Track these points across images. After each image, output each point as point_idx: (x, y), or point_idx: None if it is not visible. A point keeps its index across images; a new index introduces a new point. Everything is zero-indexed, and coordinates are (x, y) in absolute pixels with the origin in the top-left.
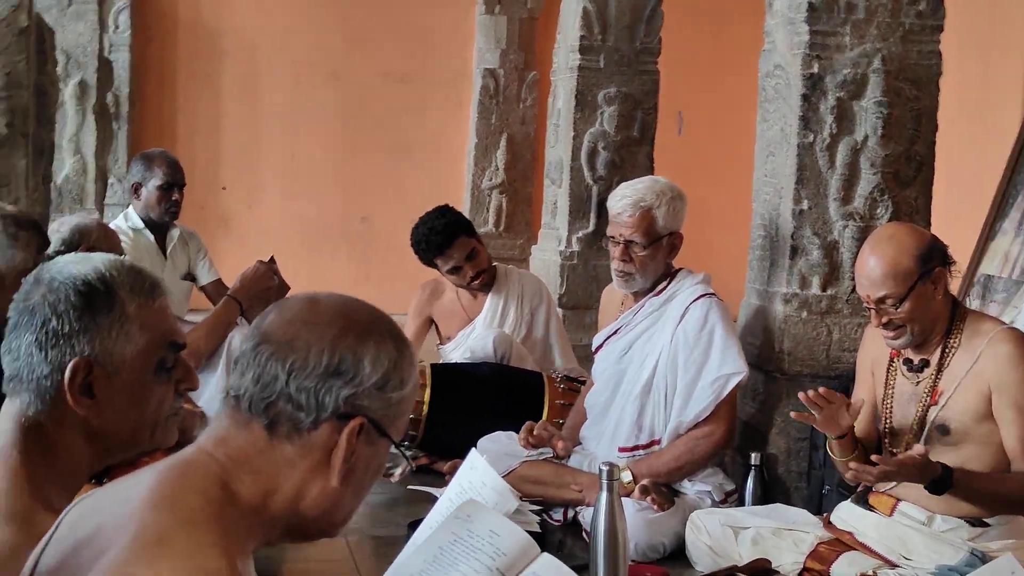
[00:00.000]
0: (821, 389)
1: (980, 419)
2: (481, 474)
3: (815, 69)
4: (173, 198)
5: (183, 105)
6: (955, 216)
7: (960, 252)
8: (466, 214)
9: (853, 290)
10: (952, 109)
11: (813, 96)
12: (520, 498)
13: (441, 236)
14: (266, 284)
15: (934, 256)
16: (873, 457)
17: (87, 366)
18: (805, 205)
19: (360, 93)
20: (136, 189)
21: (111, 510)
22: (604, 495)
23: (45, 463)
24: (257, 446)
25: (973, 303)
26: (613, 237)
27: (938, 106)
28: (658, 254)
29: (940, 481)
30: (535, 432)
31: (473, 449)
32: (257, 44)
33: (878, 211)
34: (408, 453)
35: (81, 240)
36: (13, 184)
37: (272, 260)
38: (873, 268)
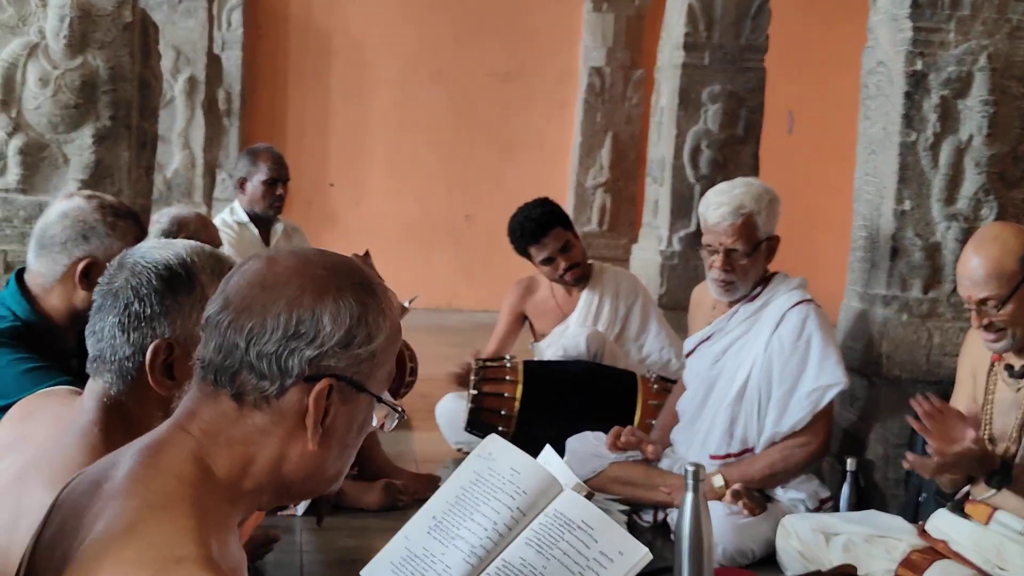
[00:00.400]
0: (932, 398)
1: None
2: (555, 469)
3: (918, 66)
4: (277, 193)
5: (293, 102)
6: None
7: None
8: (570, 213)
9: (955, 292)
10: None
11: (916, 94)
12: (609, 498)
13: (536, 225)
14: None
15: None
16: (929, 449)
17: (168, 347)
18: (907, 205)
19: (466, 92)
20: (242, 184)
21: (92, 493)
22: (689, 496)
23: (126, 441)
24: (229, 417)
25: None
26: (710, 245)
27: None
28: (759, 260)
29: (999, 474)
30: (623, 439)
31: (547, 446)
32: (365, 43)
33: (982, 212)
34: (399, 404)
35: (179, 230)
36: (116, 176)
37: (367, 254)
38: (976, 268)
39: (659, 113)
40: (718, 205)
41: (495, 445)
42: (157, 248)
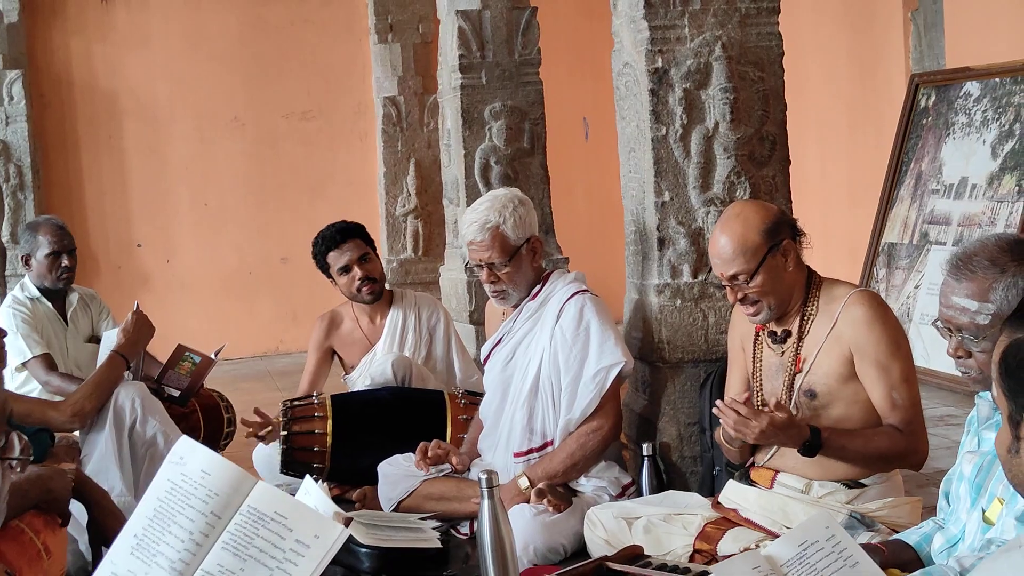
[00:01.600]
0: (728, 399)
1: (844, 381)
2: (314, 499)
3: (659, 63)
4: (63, 264)
5: (88, 167)
6: (857, 189)
7: (864, 223)
8: (383, 242)
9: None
10: (838, 82)
11: (660, 90)
12: (423, 517)
13: (337, 232)
14: (148, 332)
15: (781, 229)
16: (720, 404)
17: None
18: (666, 196)
19: (265, 135)
20: (26, 260)
21: None
22: (485, 503)
23: None
24: None
25: (880, 272)
26: (474, 261)
27: (784, 85)
28: (522, 265)
29: (811, 444)
30: (429, 453)
31: (307, 476)
32: (156, 100)
33: (737, 194)
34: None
35: None
36: None
37: (137, 307)
38: (723, 247)
39: (446, 136)
40: (468, 224)
41: (184, 447)
42: None
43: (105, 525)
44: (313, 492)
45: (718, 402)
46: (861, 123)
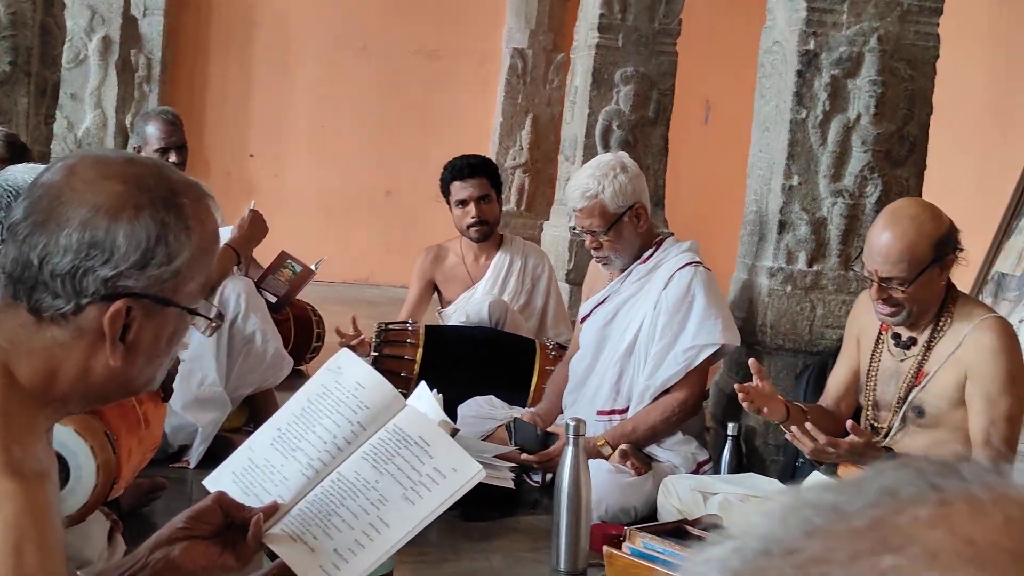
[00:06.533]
0: (808, 424)
1: (954, 405)
2: (426, 405)
3: (811, 45)
4: (171, 160)
5: (214, 72)
6: (976, 210)
7: (976, 248)
8: None
9: (839, 267)
10: (976, 107)
11: (808, 72)
12: (497, 456)
13: (468, 165)
14: (262, 229)
15: (948, 243)
16: (810, 430)
17: None
18: (795, 181)
19: (390, 68)
20: (138, 151)
21: None
22: (569, 449)
23: None
24: (28, 329)
25: (986, 300)
26: (578, 228)
27: (933, 88)
28: (623, 232)
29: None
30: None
31: (422, 382)
32: (290, 16)
33: (867, 189)
34: (212, 315)
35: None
36: (14, 121)
37: (253, 204)
38: (889, 246)
39: (573, 92)
40: (572, 190)
41: (345, 359)
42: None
43: None
44: (425, 399)
45: (793, 428)
46: (993, 149)
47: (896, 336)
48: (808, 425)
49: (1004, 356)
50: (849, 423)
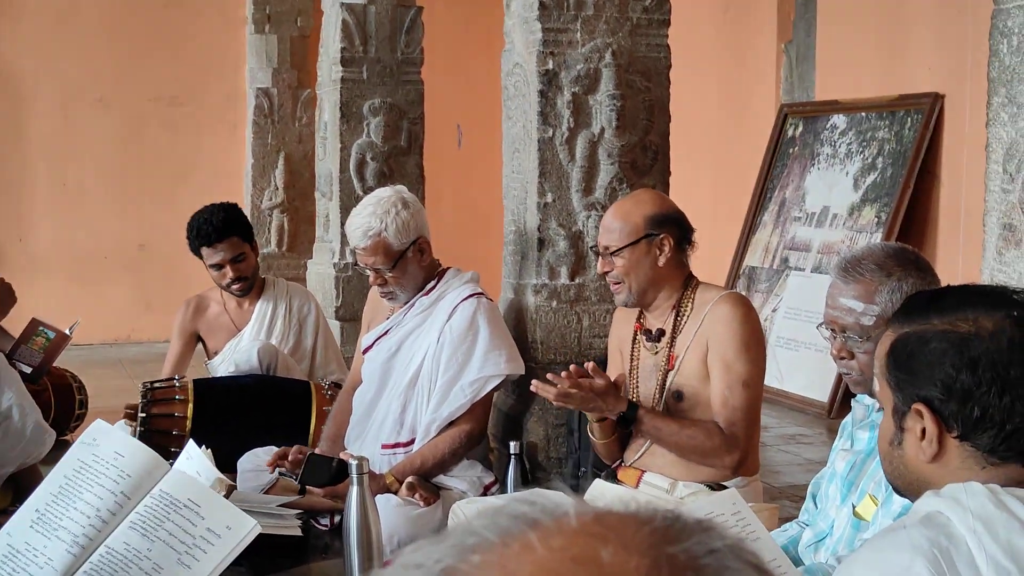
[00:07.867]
0: (572, 368)
1: (705, 381)
2: (196, 464)
3: (550, 65)
4: None
5: None
6: (721, 208)
7: (727, 246)
8: None
9: (599, 278)
10: (710, 106)
11: (549, 92)
12: (281, 506)
13: (213, 229)
14: (10, 300)
15: (666, 224)
16: (550, 376)
17: None
18: (549, 198)
19: (130, 118)
20: None
21: None
22: (354, 489)
23: None
24: None
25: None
26: (361, 265)
27: (670, 97)
28: (408, 267)
29: (626, 417)
30: (290, 458)
31: (190, 440)
32: (22, 72)
33: (618, 200)
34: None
35: None
36: None
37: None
38: (607, 217)
39: (323, 128)
40: (353, 228)
41: (99, 430)
42: None
43: None
44: (196, 457)
45: (534, 381)
46: (730, 148)
47: (647, 332)
48: (549, 375)
49: (738, 323)
50: (589, 365)
